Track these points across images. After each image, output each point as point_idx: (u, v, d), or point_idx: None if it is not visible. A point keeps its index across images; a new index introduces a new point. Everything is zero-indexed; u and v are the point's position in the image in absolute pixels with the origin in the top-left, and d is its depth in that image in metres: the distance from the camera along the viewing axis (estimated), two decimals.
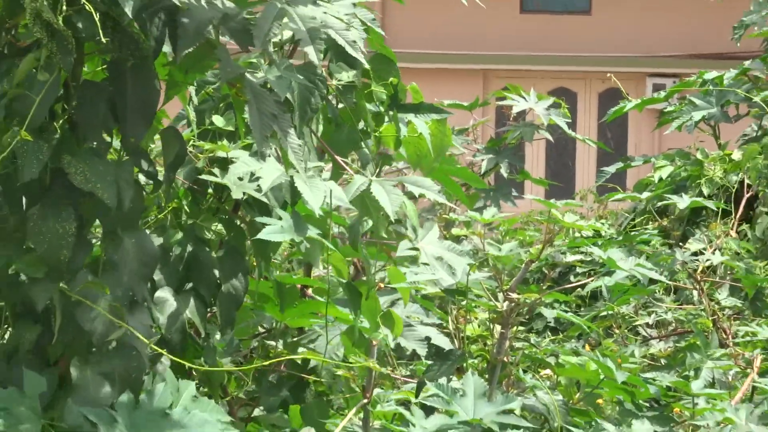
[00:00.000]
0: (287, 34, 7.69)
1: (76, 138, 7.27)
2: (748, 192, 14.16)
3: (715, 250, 12.54)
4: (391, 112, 8.11)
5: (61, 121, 7.20)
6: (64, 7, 6.84)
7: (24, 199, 7.17)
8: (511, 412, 8.27)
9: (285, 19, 7.11)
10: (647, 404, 9.13)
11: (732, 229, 13.34)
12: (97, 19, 6.88)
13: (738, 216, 13.72)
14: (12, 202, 7.13)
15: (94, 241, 7.66)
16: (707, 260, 12.28)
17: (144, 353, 7.34)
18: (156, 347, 7.42)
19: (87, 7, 6.91)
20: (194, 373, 7.97)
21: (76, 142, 7.24)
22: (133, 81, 7.22)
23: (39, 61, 6.92)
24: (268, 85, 7.22)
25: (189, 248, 7.79)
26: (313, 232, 7.39)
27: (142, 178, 7.80)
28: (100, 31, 7.00)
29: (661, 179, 15.10)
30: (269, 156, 7.25)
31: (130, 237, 7.24)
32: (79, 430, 6.75)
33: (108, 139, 7.51)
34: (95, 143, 7.29)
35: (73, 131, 7.27)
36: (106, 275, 7.20)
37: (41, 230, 6.99)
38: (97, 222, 7.54)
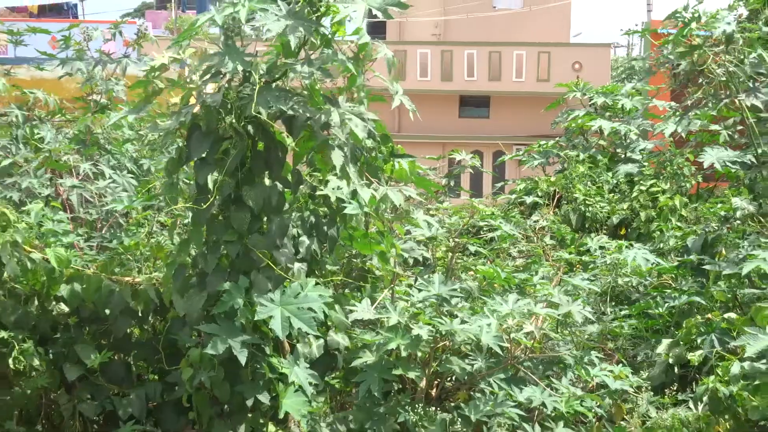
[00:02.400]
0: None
1: (252, 175, 7.24)
2: (558, 195, 14.01)
3: (544, 219, 12.44)
4: (391, 159, 8.11)
5: (243, 170, 7.18)
6: (242, 122, 6.88)
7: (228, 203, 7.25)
8: (455, 290, 8.18)
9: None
10: (515, 287, 8.98)
11: (550, 211, 13.23)
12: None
13: (553, 205, 13.58)
14: (224, 205, 7.24)
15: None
16: (540, 224, 12.20)
17: (288, 267, 7.34)
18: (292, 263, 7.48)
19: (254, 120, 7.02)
20: (316, 273, 7.89)
21: (252, 177, 7.23)
22: (273, 151, 7.35)
23: (231, 144, 7.04)
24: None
25: (312, 218, 7.69)
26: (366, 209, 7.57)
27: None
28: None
29: (521, 189, 14.94)
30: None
31: (276, 218, 7.23)
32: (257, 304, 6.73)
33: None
34: (259, 177, 7.30)
35: (250, 172, 7.26)
36: (266, 235, 7.17)
37: (235, 216, 7.08)
38: None
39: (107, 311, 7.74)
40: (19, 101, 11.60)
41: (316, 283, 7.67)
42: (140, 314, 7.80)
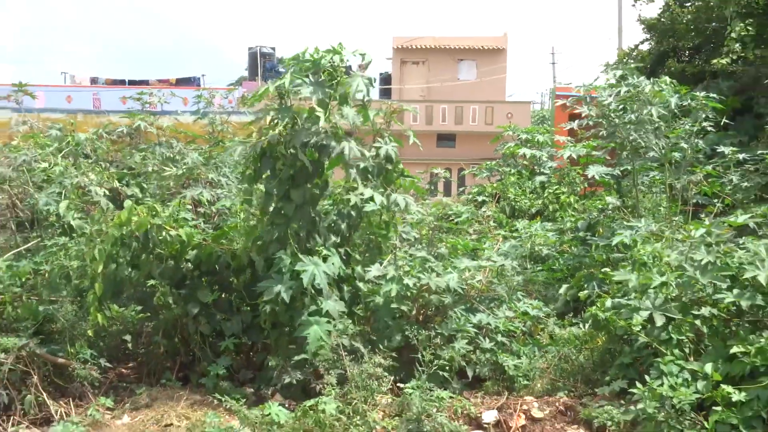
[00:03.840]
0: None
1: (295, 183, 7.16)
2: (497, 195, 13.90)
3: (489, 210, 12.35)
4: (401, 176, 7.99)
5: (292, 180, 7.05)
6: (288, 150, 6.80)
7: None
8: (433, 254, 8.11)
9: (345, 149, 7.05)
10: (471, 251, 8.90)
11: (493, 205, 13.12)
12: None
13: (495, 201, 13.45)
14: (279, 201, 6.94)
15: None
16: (487, 213, 12.07)
17: (316, 240, 7.33)
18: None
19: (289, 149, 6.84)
20: (346, 244, 7.78)
21: (295, 184, 7.17)
22: (308, 167, 7.13)
23: (282, 163, 7.26)
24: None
25: (345, 210, 7.56)
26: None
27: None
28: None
29: (474, 191, 14.82)
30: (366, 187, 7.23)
31: (308, 208, 7.11)
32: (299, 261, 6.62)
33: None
34: (301, 184, 7.15)
35: (292, 182, 7.15)
36: (301, 221, 7.08)
37: (285, 207, 6.91)
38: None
39: (216, 267, 7.69)
40: (171, 136, 11.95)
41: (346, 252, 7.67)
42: (240, 269, 7.71)
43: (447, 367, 7.03)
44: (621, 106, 10.08)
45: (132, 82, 38.82)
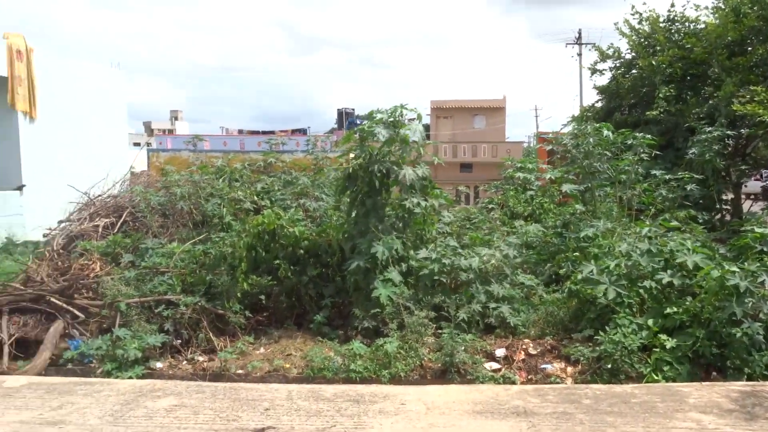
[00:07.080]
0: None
1: (369, 195, 6.92)
2: (502, 203, 13.44)
3: (496, 214, 11.92)
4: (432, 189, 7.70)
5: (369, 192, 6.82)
6: (368, 173, 6.46)
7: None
8: (461, 244, 7.81)
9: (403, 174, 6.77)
10: (486, 242, 8.57)
11: (499, 210, 12.64)
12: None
13: (500, 208, 12.97)
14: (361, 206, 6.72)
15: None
16: (495, 216, 11.60)
17: (382, 233, 6.96)
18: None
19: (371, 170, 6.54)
20: (403, 235, 7.52)
21: (370, 195, 6.90)
22: (380, 185, 6.88)
23: (362, 182, 6.68)
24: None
25: (401, 213, 7.35)
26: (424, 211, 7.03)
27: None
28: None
29: (486, 201, 14.38)
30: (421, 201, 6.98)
31: (378, 212, 6.85)
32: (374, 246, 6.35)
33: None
34: (375, 195, 6.92)
35: (367, 194, 6.91)
36: (373, 220, 6.82)
37: (361, 211, 6.63)
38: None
39: (319, 252, 7.57)
40: (290, 167, 11.93)
41: (403, 241, 7.45)
42: (333, 253, 7.56)
43: (469, 320, 6.80)
44: (577, 144, 9.76)
45: (264, 132, 39.60)
